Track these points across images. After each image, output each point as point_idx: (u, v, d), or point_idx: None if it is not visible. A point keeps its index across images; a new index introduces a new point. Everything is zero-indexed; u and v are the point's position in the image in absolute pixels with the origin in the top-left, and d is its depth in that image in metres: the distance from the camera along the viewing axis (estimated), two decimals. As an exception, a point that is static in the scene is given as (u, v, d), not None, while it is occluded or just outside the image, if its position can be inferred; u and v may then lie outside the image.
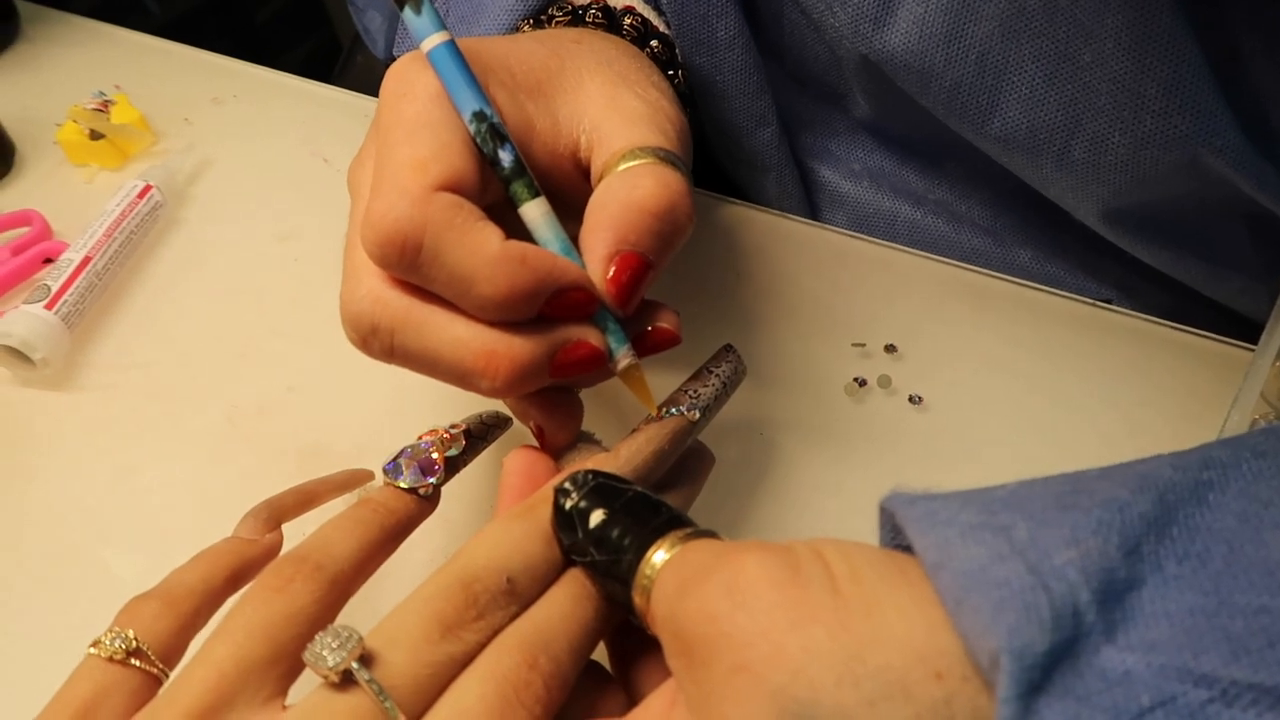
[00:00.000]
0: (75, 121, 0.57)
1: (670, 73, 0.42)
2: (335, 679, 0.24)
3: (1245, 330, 0.45)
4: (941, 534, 0.22)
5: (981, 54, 0.39)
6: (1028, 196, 0.46)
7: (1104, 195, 0.42)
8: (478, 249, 0.29)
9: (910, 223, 0.52)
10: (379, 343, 0.31)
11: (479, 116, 0.31)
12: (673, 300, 0.46)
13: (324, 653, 0.24)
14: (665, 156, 0.33)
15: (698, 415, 0.34)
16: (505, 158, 0.32)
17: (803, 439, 0.42)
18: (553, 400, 0.34)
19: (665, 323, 0.34)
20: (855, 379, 0.43)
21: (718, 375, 0.35)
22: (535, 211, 0.32)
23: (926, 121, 0.45)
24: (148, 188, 0.53)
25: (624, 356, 0.33)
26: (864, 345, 0.45)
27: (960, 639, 0.20)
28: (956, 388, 0.43)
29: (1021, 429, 0.42)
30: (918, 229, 0.52)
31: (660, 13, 0.44)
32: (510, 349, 0.30)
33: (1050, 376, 0.43)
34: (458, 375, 0.31)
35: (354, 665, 0.24)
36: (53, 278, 0.47)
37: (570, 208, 0.34)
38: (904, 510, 0.23)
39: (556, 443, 0.34)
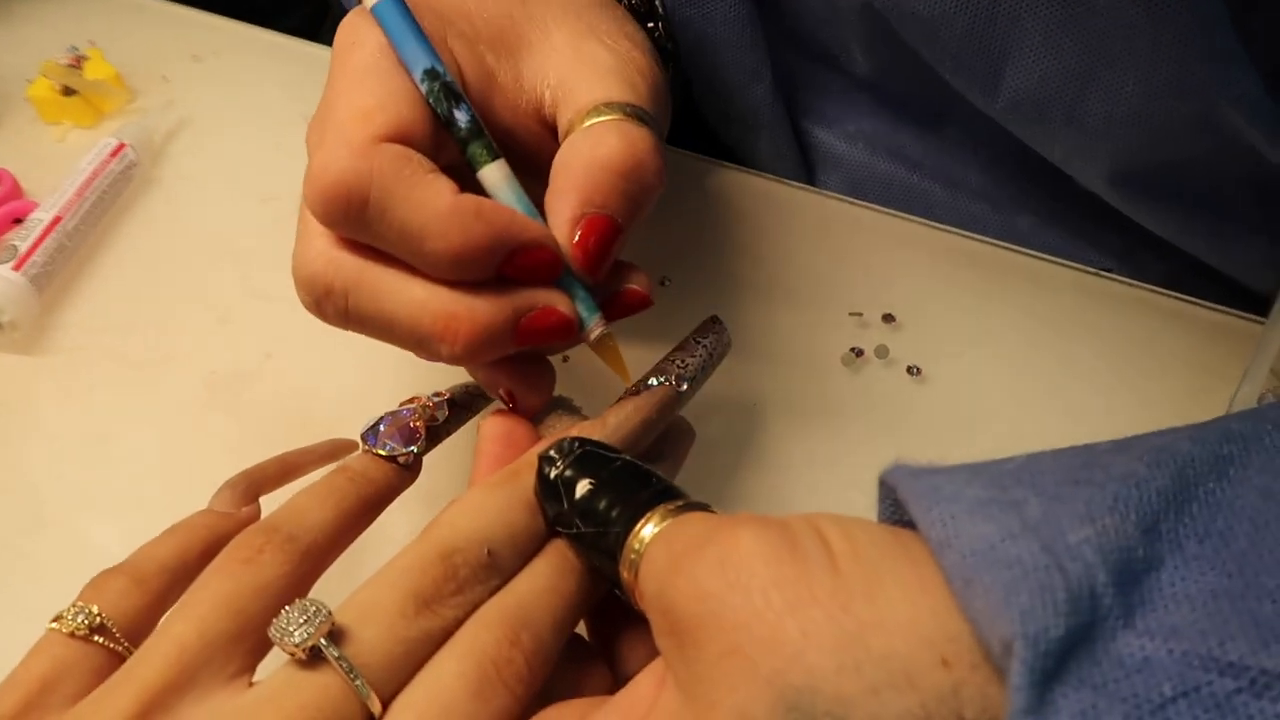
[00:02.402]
0: (47, 77, 0.55)
1: (650, 25, 0.41)
2: (303, 656, 0.23)
3: (1248, 303, 0.43)
4: (947, 509, 0.20)
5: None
6: (1028, 161, 0.45)
7: (1114, 153, 0.41)
8: (428, 202, 0.27)
9: (906, 187, 0.50)
10: (333, 306, 0.30)
11: (430, 74, 0.29)
12: (660, 268, 0.45)
13: (290, 628, 0.23)
14: (633, 112, 0.31)
15: (685, 386, 0.33)
16: (461, 118, 0.30)
17: (797, 411, 0.41)
18: (521, 365, 0.32)
19: (635, 283, 0.32)
20: (852, 349, 0.42)
21: (704, 346, 0.34)
22: (495, 174, 0.30)
23: (927, 80, 0.43)
24: (121, 146, 0.51)
25: (596, 325, 0.32)
26: (861, 315, 0.43)
27: (969, 623, 0.19)
28: (956, 358, 0.42)
29: (1023, 400, 0.41)
30: (914, 194, 0.50)
31: None
32: (471, 312, 0.29)
33: (1052, 347, 0.42)
34: (416, 340, 0.30)
35: (322, 641, 0.23)
36: (20, 238, 0.46)
37: (537, 169, 0.32)
38: (906, 484, 0.22)
39: (529, 408, 0.33)
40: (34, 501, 0.41)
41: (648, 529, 0.24)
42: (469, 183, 0.30)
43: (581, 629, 0.29)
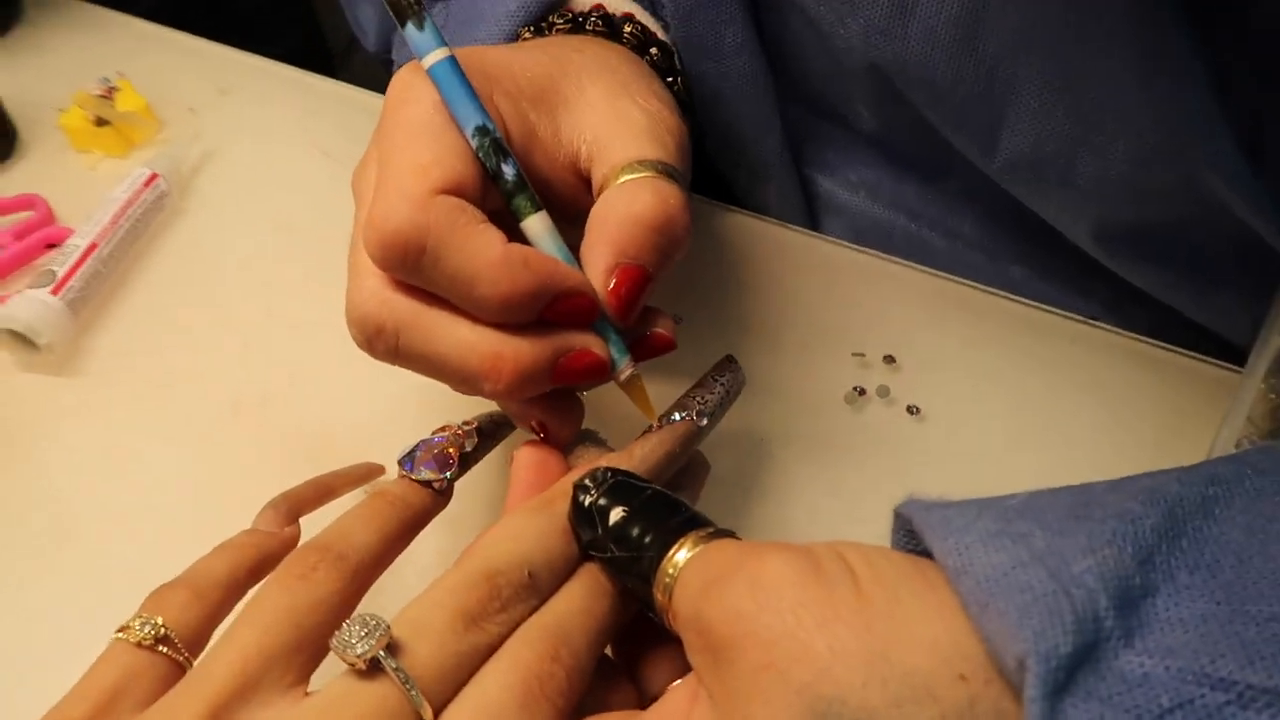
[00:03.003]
0: (80, 107, 0.57)
1: (670, 79, 0.43)
2: (362, 666, 0.25)
3: (1226, 354, 0.46)
4: (961, 540, 0.22)
5: (992, 67, 0.40)
6: (1021, 217, 0.47)
7: (1102, 212, 0.44)
8: (480, 251, 0.30)
9: (906, 235, 0.53)
10: (384, 344, 0.32)
11: (481, 131, 0.32)
12: (673, 308, 0.47)
13: (352, 640, 0.25)
14: (664, 170, 0.33)
15: (704, 421, 0.35)
16: (508, 172, 0.32)
17: (803, 447, 0.43)
18: (553, 400, 0.35)
19: (661, 328, 0.35)
20: (855, 388, 0.44)
21: (721, 384, 0.36)
22: (538, 226, 0.33)
23: (928, 137, 0.46)
24: (153, 176, 0.53)
25: (626, 367, 0.34)
26: (863, 355, 0.45)
27: (983, 643, 0.21)
28: (953, 399, 0.44)
29: (1016, 439, 0.43)
30: (913, 242, 0.53)
31: (659, 19, 0.45)
32: (516, 352, 0.31)
33: (1044, 389, 0.45)
34: (462, 377, 0.31)
35: (381, 654, 0.25)
36: (58, 263, 0.47)
37: (571, 216, 0.34)
38: (921, 516, 0.24)
39: (560, 440, 0.35)
40: (64, 517, 0.42)
41: (681, 554, 0.26)
42: (511, 227, 0.32)
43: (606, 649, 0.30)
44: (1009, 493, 0.25)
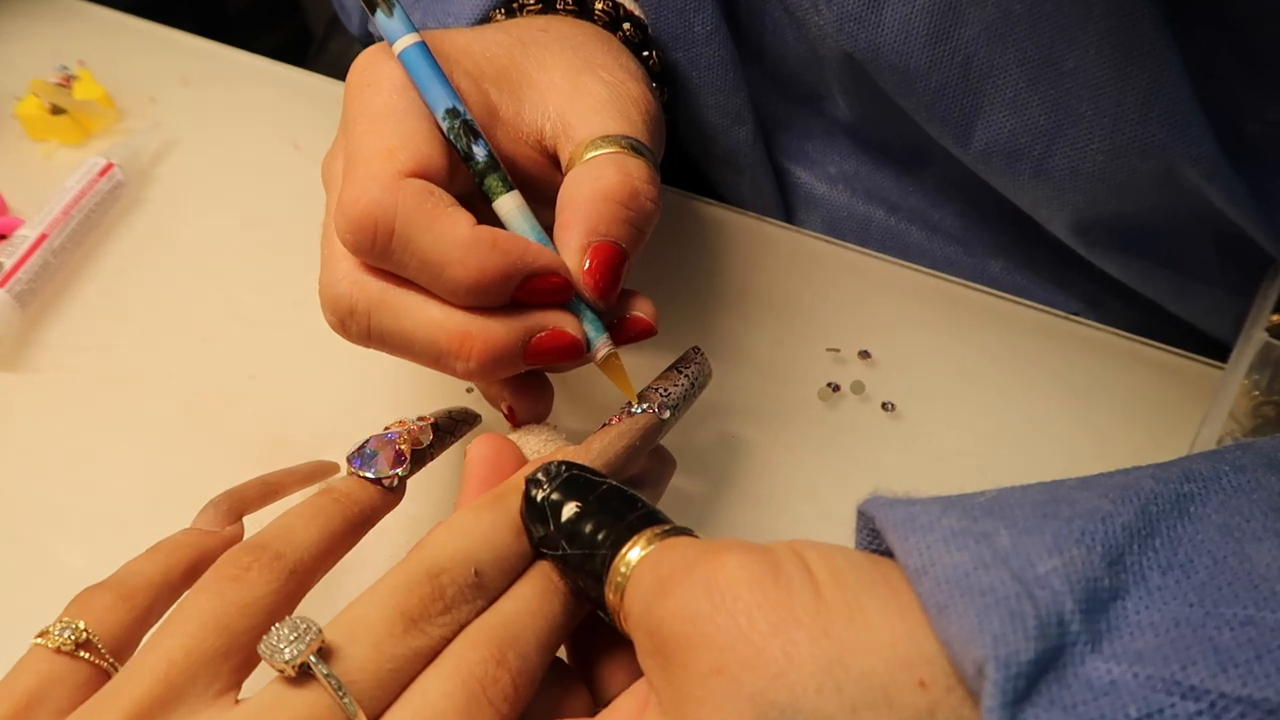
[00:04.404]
0: (36, 95, 0.55)
1: (645, 53, 0.42)
2: (292, 673, 0.23)
3: (1208, 348, 0.45)
4: (923, 539, 0.21)
5: (967, 57, 0.39)
6: (1001, 208, 0.46)
7: (1079, 204, 0.43)
8: (448, 233, 0.29)
9: (884, 228, 0.52)
10: (356, 325, 0.31)
11: (452, 113, 0.32)
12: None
13: (280, 645, 0.23)
14: (628, 144, 0.33)
15: (667, 414, 0.34)
16: (479, 152, 0.32)
17: (776, 442, 0.42)
18: (524, 382, 0.34)
19: (641, 311, 0.34)
20: (829, 384, 0.43)
21: (686, 375, 0.35)
22: (509, 205, 0.32)
23: (905, 126, 0.45)
24: (109, 166, 0.51)
25: (603, 345, 0.33)
26: (838, 350, 0.44)
27: (943, 647, 0.20)
28: (929, 395, 0.43)
29: (992, 438, 0.42)
30: (891, 235, 0.51)
31: None
32: (485, 331, 0.30)
33: (1020, 386, 0.43)
34: (433, 356, 0.31)
35: (311, 659, 0.23)
36: (5, 254, 0.46)
37: (541, 194, 0.34)
38: (884, 514, 0.23)
39: (527, 424, 0.34)
40: (9, 518, 0.41)
41: (634, 552, 0.25)
42: (481, 210, 0.31)
43: (561, 652, 0.29)
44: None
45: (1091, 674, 0.18)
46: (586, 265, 0.31)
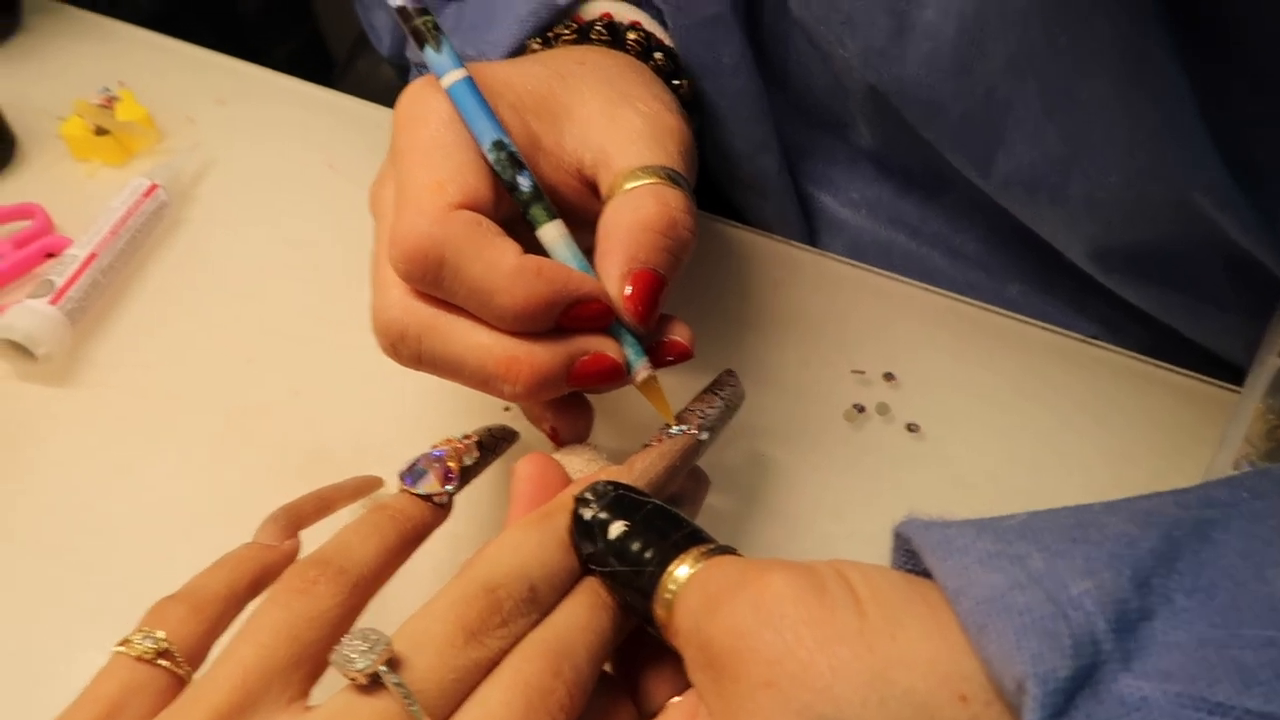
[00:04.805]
0: (80, 116, 0.57)
1: (675, 82, 0.44)
2: (363, 681, 0.25)
3: (1223, 373, 0.46)
4: (960, 560, 0.23)
5: (989, 89, 0.41)
6: (1021, 233, 0.48)
7: (1094, 232, 0.44)
8: (495, 263, 0.31)
9: (906, 253, 0.53)
10: (407, 349, 0.33)
11: (498, 145, 0.33)
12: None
13: (352, 655, 0.25)
14: (665, 174, 0.34)
15: (705, 435, 0.35)
16: (523, 183, 0.33)
17: (803, 462, 0.43)
18: (565, 403, 0.36)
19: (679, 335, 0.35)
20: (854, 405, 0.44)
21: (722, 397, 0.37)
22: (552, 233, 0.34)
23: (928, 154, 0.46)
24: (153, 187, 0.53)
25: (642, 369, 0.34)
26: (863, 372, 0.46)
27: (982, 664, 0.21)
28: (952, 417, 0.44)
29: (1014, 457, 0.43)
30: (913, 259, 0.53)
31: (665, 26, 0.46)
32: (531, 355, 0.32)
33: (1042, 407, 0.45)
34: (481, 379, 0.32)
35: (381, 668, 0.25)
36: (57, 273, 0.47)
37: (581, 220, 0.35)
38: (921, 536, 0.24)
39: (570, 443, 0.36)
40: (60, 527, 0.42)
41: (682, 570, 0.26)
42: (524, 235, 0.33)
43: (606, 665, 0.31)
44: (1007, 512, 0.25)
45: (1124, 691, 0.19)
46: (627, 291, 0.33)
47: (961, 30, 0.39)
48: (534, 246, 0.33)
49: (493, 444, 0.37)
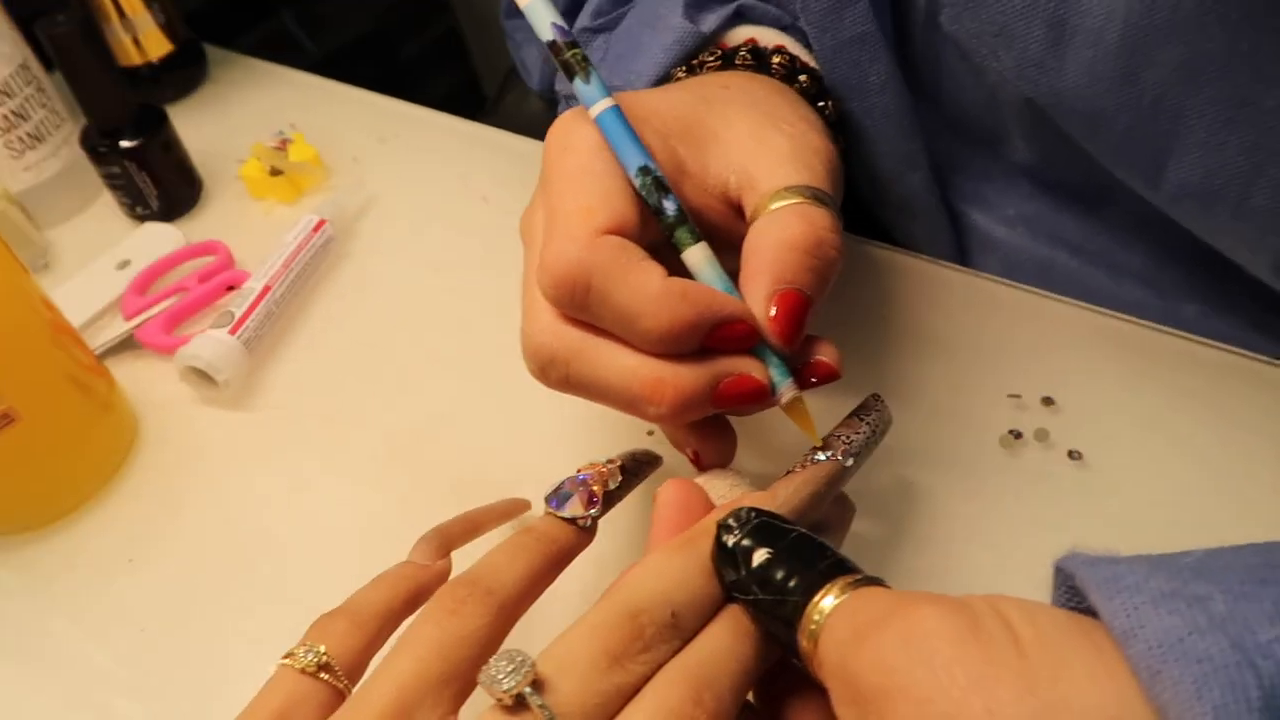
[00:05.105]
0: (257, 159, 0.61)
1: (820, 104, 0.43)
2: (509, 701, 0.25)
3: None
4: (1130, 600, 0.21)
5: (1156, 98, 0.38)
6: (1195, 247, 0.45)
7: None
8: (641, 287, 0.31)
9: (1067, 271, 0.51)
10: (555, 372, 0.33)
11: (644, 171, 0.33)
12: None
13: (499, 675, 0.25)
14: (811, 194, 0.34)
15: (850, 461, 0.34)
16: (669, 207, 0.34)
17: (956, 491, 0.41)
18: (708, 427, 0.36)
19: (825, 356, 0.35)
20: (1010, 431, 0.42)
21: (868, 423, 0.35)
22: (698, 256, 0.34)
23: (1089, 166, 0.44)
24: (321, 222, 0.56)
25: (788, 390, 0.34)
26: (1019, 397, 0.44)
27: (1155, 712, 0.19)
28: (1117, 444, 0.42)
29: (1187, 487, 0.40)
30: (1074, 278, 0.50)
31: (809, 48, 0.45)
32: (676, 377, 0.32)
33: (1217, 433, 0.42)
34: (627, 401, 0.33)
35: (527, 690, 0.25)
36: (236, 304, 0.51)
37: (726, 243, 0.35)
38: (1086, 572, 0.23)
39: (712, 467, 0.36)
40: (239, 540, 0.45)
41: (828, 600, 0.26)
42: (669, 258, 0.33)
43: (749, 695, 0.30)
44: (1180, 548, 0.24)
45: None
46: (772, 312, 0.32)
47: (1126, 37, 0.37)
48: (680, 270, 0.33)
49: (635, 468, 0.38)
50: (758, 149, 0.35)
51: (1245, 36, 0.35)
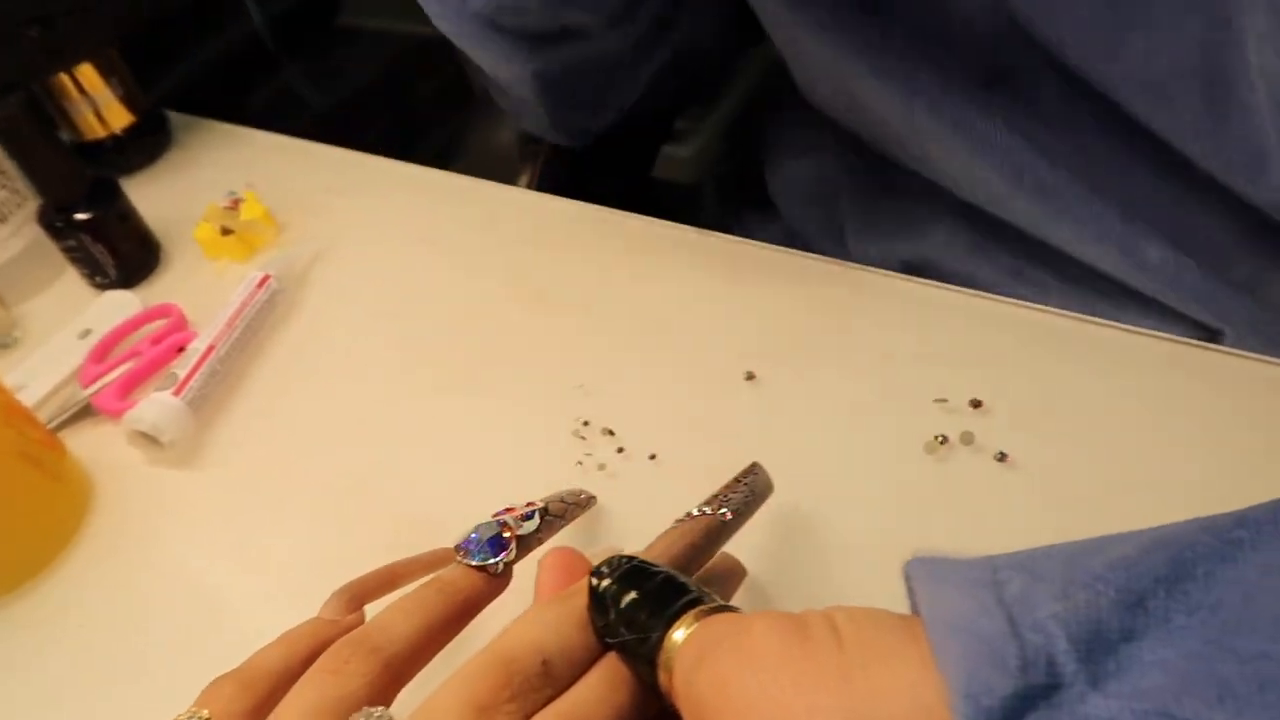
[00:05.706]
0: (208, 221, 0.62)
1: None
2: (369, 761, 0.25)
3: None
4: (938, 589, 0.22)
5: None
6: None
7: None
8: None
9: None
10: None
11: None
12: (745, 362, 0.47)
13: (357, 733, 0.25)
14: None
15: (728, 515, 0.34)
16: None
17: (880, 500, 0.41)
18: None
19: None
20: (936, 436, 0.42)
21: (746, 484, 0.36)
22: None
23: None
24: (266, 278, 0.57)
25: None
26: (946, 401, 0.43)
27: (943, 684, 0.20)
28: (1046, 444, 0.41)
29: (1114, 482, 0.39)
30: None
31: None
32: None
33: (1148, 426, 0.41)
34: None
35: (381, 747, 0.25)
36: (180, 366, 0.52)
37: None
38: (912, 570, 0.24)
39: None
40: (186, 598, 0.45)
41: (679, 632, 0.26)
42: None
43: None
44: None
45: (1090, 710, 0.19)
46: None
47: None
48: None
49: (561, 510, 0.37)
50: None
51: None
